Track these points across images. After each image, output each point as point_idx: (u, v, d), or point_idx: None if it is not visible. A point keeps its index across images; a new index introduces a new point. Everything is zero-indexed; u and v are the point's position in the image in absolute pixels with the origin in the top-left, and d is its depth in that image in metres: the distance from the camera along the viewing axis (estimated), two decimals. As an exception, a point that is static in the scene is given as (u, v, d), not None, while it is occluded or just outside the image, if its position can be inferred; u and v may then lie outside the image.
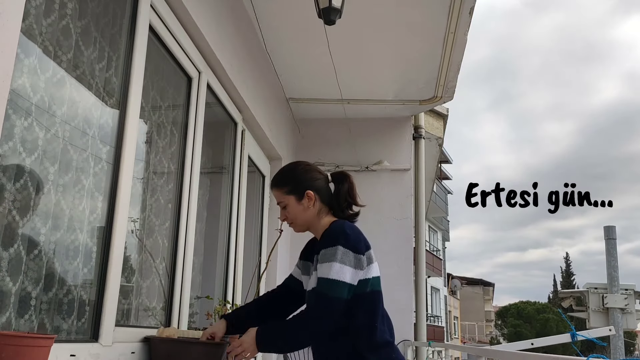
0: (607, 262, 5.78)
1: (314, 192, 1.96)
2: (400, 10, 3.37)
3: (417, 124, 5.40)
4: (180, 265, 2.51)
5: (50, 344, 1.21)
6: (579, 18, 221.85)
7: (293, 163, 2.13)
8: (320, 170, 2.06)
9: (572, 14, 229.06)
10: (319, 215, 1.97)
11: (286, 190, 1.97)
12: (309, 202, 1.95)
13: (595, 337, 5.58)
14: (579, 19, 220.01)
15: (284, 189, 1.98)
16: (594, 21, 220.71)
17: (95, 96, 1.89)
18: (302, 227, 2.01)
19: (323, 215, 1.97)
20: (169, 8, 2.38)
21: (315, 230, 1.99)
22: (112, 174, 1.94)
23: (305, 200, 1.95)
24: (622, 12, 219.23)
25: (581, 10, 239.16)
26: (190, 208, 2.61)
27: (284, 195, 1.98)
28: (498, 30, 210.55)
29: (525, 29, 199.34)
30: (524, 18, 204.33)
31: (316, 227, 1.98)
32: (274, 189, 2.02)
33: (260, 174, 4.23)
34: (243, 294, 3.45)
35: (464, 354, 24.18)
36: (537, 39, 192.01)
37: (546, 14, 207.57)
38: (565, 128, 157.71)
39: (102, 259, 1.88)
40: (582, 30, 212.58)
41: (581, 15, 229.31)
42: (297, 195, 1.96)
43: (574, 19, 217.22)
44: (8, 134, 1.44)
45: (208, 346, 1.97)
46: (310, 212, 1.96)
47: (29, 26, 1.52)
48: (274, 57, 3.98)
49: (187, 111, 2.69)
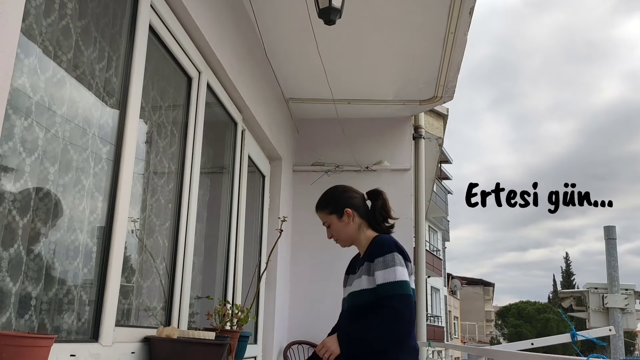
0: (607, 262, 5.78)
1: (352, 209, 2.25)
2: (400, 11, 3.37)
3: (417, 124, 5.40)
4: (180, 265, 2.51)
5: (50, 344, 1.21)
6: (580, 18, 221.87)
7: (332, 187, 2.41)
8: (356, 190, 2.35)
9: (573, 13, 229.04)
10: (359, 229, 2.24)
11: (328, 211, 2.28)
12: (348, 218, 2.24)
13: (596, 337, 5.58)
14: (580, 19, 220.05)
15: (326, 210, 2.29)
16: (595, 21, 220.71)
17: (95, 96, 1.89)
18: (346, 242, 2.29)
19: (364, 229, 2.25)
20: (169, 8, 2.37)
21: (359, 243, 2.26)
22: (112, 174, 1.94)
23: (345, 217, 2.24)
24: (622, 12, 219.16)
25: (582, 10, 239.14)
26: (190, 208, 2.61)
27: (327, 215, 2.28)
28: (499, 29, 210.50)
29: (526, 28, 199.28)
30: (525, 17, 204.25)
31: (359, 241, 2.25)
32: (318, 212, 2.33)
33: (260, 174, 4.23)
34: (243, 294, 3.45)
35: (464, 354, 24.18)
36: (538, 39, 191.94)
37: (547, 13, 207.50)
38: (566, 127, 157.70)
39: (102, 259, 1.88)
40: (583, 30, 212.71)
41: (582, 15, 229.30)
42: (337, 214, 2.26)
43: (575, 19, 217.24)
44: (8, 133, 1.44)
45: (208, 346, 1.97)
46: (351, 227, 2.24)
47: (28, 26, 1.52)
48: (274, 57, 3.98)
49: (187, 111, 2.69)
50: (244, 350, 2.69)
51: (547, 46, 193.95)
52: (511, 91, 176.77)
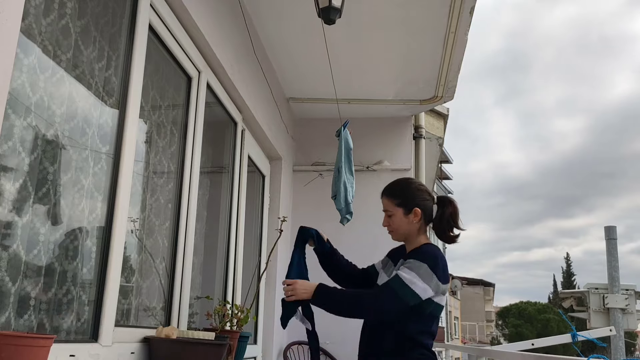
0: (607, 262, 5.78)
1: (421, 210, 2.18)
2: (400, 10, 3.37)
3: (417, 124, 5.39)
4: (180, 265, 2.51)
5: (49, 344, 1.20)
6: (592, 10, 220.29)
7: (408, 179, 2.39)
8: (430, 192, 2.30)
9: (585, 6, 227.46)
10: (419, 231, 2.20)
11: (397, 202, 2.21)
12: (414, 217, 2.18)
13: (596, 337, 5.58)
14: (592, 12, 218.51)
15: (395, 200, 2.22)
16: (607, 14, 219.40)
17: (94, 96, 1.88)
18: (400, 237, 2.25)
19: (422, 233, 2.21)
20: (168, 8, 2.37)
21: (410, 243, 2.22)
22: (111, 173, 1.94)
23: (412, 215, 2.18)
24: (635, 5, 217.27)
25: (594, 3, 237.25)
26: (190, 208, 2.61)
27: (394, 206, 2.21)
28: (509, 23, 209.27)
29: (537, 22, 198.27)
30: (535, 10, 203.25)
31: (412, 241, 2.21)
32: (385, 198, 2.25)
33: (260, 173, 4.22)
34: (243, 294, 3.45)
35: (465, 354, 24.14)
36: (548, 32, 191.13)
37: (559, 6, 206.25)
38: (575, 124, 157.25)
39: (101, 259, 1.87)
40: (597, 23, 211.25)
41: (594, 8, 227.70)
42: (405, 209, 2.19)
43: (586, 11, 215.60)
44: (7, 133, 1.44)
45: (208, 346, 1.97)
46: (413, 227, 2.19)
47: (28, 25, 1.52)
48: (274, 57, 3.97)
49: (186, 111, 2.68)
50: (243, 351, 2.68)
51: (558, 39, 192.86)
52: (520, 87, 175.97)
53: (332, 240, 2.44)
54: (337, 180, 3.29)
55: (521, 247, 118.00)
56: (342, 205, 3.23)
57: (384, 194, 2.27)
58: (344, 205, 3.24)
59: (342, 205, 3.23)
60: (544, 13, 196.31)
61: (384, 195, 2.26)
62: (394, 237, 2.27)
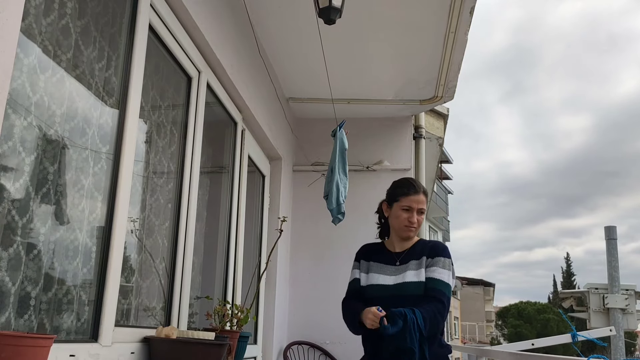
0: (607, 262, 5.78)
1: None
2: (400, 10, 3.37)
3: (417, 124, 5.39)
4: (180, 265, 2.51)
5: (49, 344, 1.20)
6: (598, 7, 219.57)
7: None
8: None
9: (591, 2, 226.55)
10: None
11: (428, 200, 2.39)
12: None
13: (596, 337, 5.58)
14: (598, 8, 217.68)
15: (427, 198, 2.39)
16: (613, 11, 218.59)
17: (94, 96, 1.88)
18: (416, 233, 2.39)
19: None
20: (168, 8, 2.37)
21: (412, 238, 2.39)
22: (111, 173, 1.94)
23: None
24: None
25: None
26: (190, 208, 2.61)
27: (426, 204, 2.38)
28: (514, 18, 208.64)
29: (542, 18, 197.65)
30: (541, 6, 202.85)
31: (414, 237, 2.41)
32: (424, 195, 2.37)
33: (260, 173, 4.22)
34: (243, 294, 3.45)
35: (465, 354, 24.13)
36: (553, 29, 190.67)
37: (564, 2, 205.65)
38: (580, 122, 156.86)
39: (101, 259, 1.87)
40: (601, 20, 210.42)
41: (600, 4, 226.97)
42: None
43: (592, 6, 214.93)
44: (7, 133, 1.44)
45: (207, 346, 1.97)
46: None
47: (28, 25, 1.52)
48: (274, 57, 3.97)
49: (186, 111, 2.68)
50: (243, 351, 2.68)
51: (567, 35, 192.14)
52: (525, 84, 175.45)
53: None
54: (329, 181, 3.30)
55: (523, 247, 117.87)
56: (333, 205, 3.24)
57: (424, 192, 2.38)
58: (335, 205, 3.24)
59: (334, 206, 3.24)
60: (549, 8, 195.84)
61: (424, 193, 2.38)
62: (413, 234, 2.37)
